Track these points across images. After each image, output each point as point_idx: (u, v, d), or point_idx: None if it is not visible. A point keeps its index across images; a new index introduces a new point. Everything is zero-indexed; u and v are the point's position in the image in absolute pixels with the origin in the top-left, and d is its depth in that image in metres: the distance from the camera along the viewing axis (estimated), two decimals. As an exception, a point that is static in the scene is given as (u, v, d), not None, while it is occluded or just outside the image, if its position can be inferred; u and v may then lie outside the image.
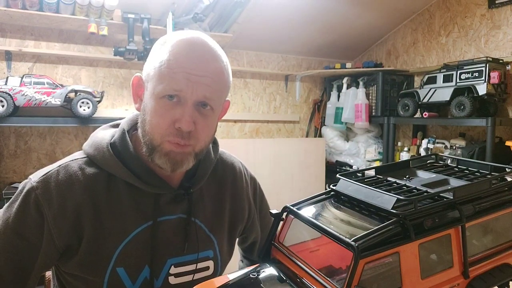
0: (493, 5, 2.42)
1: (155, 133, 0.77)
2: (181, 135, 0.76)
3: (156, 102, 0.76)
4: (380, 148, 2.95)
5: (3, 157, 2.26)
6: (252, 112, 3.09)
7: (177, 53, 0.75)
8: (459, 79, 2.26)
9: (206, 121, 0.79)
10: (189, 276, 0.85)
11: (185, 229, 0.85)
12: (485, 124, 2.11)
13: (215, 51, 0.79)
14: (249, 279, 0.59)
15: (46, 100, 1.97)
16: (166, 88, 0.74)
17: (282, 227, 0.64)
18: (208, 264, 0.89)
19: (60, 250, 0.77)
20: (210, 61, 0.77)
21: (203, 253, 0.88)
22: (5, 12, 2.00)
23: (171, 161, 0.78)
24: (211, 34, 2.39)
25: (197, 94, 0.75)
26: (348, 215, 0.60)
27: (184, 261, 0.85)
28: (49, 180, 0.78)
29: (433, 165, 0.77)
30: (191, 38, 0.78)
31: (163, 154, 0.77)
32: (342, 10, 2.67)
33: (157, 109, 0.76)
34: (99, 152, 0.82)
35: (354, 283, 0.46)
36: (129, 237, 0.79)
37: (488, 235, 0.64)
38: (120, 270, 0.78)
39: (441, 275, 0.54)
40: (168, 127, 0.76)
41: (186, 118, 0.74)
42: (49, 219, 0.75)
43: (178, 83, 0.74)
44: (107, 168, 0.80)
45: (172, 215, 0.84)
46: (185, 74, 0.74)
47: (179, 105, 0.75)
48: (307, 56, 3.28)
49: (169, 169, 0.79)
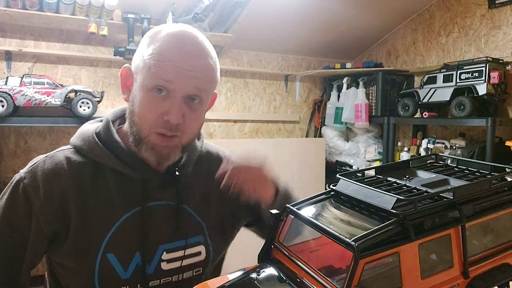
0: (493, 5, 2.42)
1: (143, 124, 0.78)
2: (169, 127, 0.77)
3: (145, 94, 0.76)
4: (380, 148, 2.95)
5: (3, 157, 2.26)
6: (252, 112, 3.09)
7: (167, 46, 0.76)
8: (459, 79, 2.26)
9: (194, 114, 0.80)
10: (179, 262, 0.86)
11: (174, 215, 0.85)
12: (485, 124, 2.11)
13: (204, 46, 0.80)
14: (248, 279, 0.59)
15: (46, 100, 1.97)
16: (156, 80, 0.75)
17: (282, 227, 0.64)
18: (200, 249, 0.89)
19: (49, 237, 0.78)
20: (199, 56, 0.78)
21: (194, 238, 0.88)
22: (5, 12, 2.00)
23: (157, 154, 0.79)
24: (211, 34, 2.39)
25: (186, 87, 0.76)
26: (348, 215, 0.60)
27: (175, 247, 0.85)
28: (36, 170, 0.79)
29: (433, 165, 0.77)
30: (181, 32, 0.79)
31: (149, 147, 0.79)
32: (342, 10, 2.66)
33: (146, 101, 0.77)
34: (84, 142, 0.83)
35: (354, 283, 0.46)
36: (117, 223, 0.80)
37: (488, 235, 0.64)
38: (111, 256, 0.79)
39: (441, 275, 0.54)
40: (156, 119, 0.76)
41: (175, 110, 0.75)
42: (36, 207, 0.76)
43: (167, 75, 0.75)
44: (92, 156, 0.82)
45: (161, 201, 0.84)
46: (174, 67, 0.75)
47: (168, 98, 0.76)
48: (307, 56, 3.28)
49: (155, 162, 0.81)
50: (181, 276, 0.86)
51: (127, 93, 0.83)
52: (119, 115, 0.91)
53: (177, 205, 0.86)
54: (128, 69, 0.83)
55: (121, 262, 0.79)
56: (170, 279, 0.85)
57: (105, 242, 0.78)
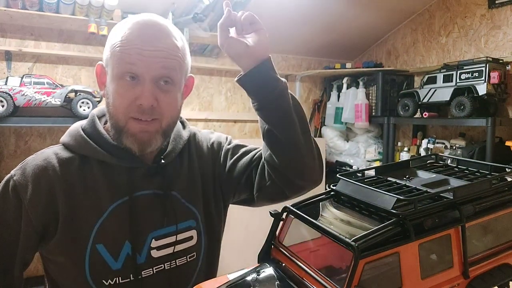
0: (493, 5, 2.42)
1: (119, 113, 0.79)
2: (143, 112, 0.78)
3: (117, 83, 0.78)
4: (380, 148, 2.95)
5: (3, 157, 2.26)
6: (252, 112, 3.06)
7: (129, 33, 0.78)
8: (459, 79, 2.26)
9: (168, 96, 0.80)
10: (171, 248, 0.86)
11: (162, 202, 0.85)
12: (485, 124, 2.11)
13: (167, 28, 0.81)
14: (248, 279, 0.59)
15: (46, 100, 1.97)
16: (122, 66, 0.77)
17: (282, 227, 0.64)
18: (191, 233, 0.89)
19: (39, 231, 0.79)
20: (162, 37, 0.79)
21: (184, 223, 0.88)
22: (5, 12, 2.00)
23: (138, 141, 0.80)
24: (211, 34, 2.39)
25: (153, 68, 0.77)
26: (348, 215, 0.60)
27: (165, 233, 0.85)
28: (26, 167, 0.81)
29: (433, 165, 0.77)
30: (143, 19, 0.81)
31: (130, 135, 0.80)
32: (342, 10, 2.66)
33: (117, 90, 0.78)
34: (72, 137, 0.86)
35: (354, 283, 0.46)
36: (105, 214, 0.80)
37: (488, 235, 0.64)
38: (100, 247, 0.79)
39: (441, 275, 0.54)
40: (129, 105, 0.78)
41: (146, 93, 0.77)
42: (25, 201, 0.77)
43: (131, 59, 0.76)
44: (79, 150, 0.83)
45: (147, 190, 0.85)
46: (137, 50, 0.76)
47: (138, 84, 0.77)
48: (307, 56, 3.27)
49: (137, 150, 0.81)
50: (174, 263, 0.86)
51: (103, 89, 0.85)
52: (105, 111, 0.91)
53: (164, 192, 0.86)
54: (101, 66, 0.85)
55: (111, 252, 0.80)
56: (163, 266, 0.85)
57: (94, 233, 0.79)
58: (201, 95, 2.88)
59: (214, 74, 2.91)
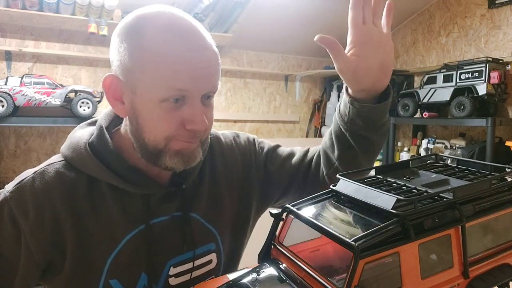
0: (493, 5, 2.42)
1: (160, 138, 0.67)
2: (194, 136, 0.69)
3: (157, 106, 0.65)
4: (380, 148, 2.95)
5: (3, 157, 2.26)
6: (252, 112, 3.09)
7: (169, 45, 0.63)
8: (459, 79, 2.26)
9: (211, 111, 0.72)
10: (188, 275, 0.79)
11: (181, 226, 0.77)
12: (485, 124, 2.11)
13: (203, 31, 0.69)
14: (248, 279, 0.59)
15: (46, 100, 1.97)
16: (170, 91, 0.64)
17: (282, 227, 0.64)
18: (211, 257, 0.81)
19: (41, 266, 0.70)
20: (207, 47, 0.67)
21: (204, 247, 0.80)
22: (5, 12, 2.00)
23: (184, 159, 0.70)
24: (211, 34, 2.39)
25: (204, 88, 0.67)
26: (348, 215, 0.60)
27: (184, 259, 0.78)
28: (24, 189, 0.69)
29: (433, 165, 0.76)
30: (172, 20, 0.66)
31: (174, 154, 0.68)
32: (342, 10, 2.65)
33: (159, 114, 0.66)
34: (77, 154, 0.72)
35: (354, 283, 0.46)
36: (120, 245, 0.71)
37: (488, 235, 0.63)
38: (114, 282, 0.71)
39: (441, 275, 0.54)
40: (176, 131, 0.67)
41: (199, 118, 0.66)
42: (26, 233, 0.67)
43: (183, 83, 0.64)
44: (87, 170, 0.71)
45: (166, 215, 0.76)
46: (189, 71, 0.64)
47: (184, 104, 0.66)
48: (307, 56, 3.27)
49: (182, 167, 0.71)
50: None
51: (119, 106, 0.70)
52: (113, 117, 0.80)
53: (183, 216, 0.77)
54: (114, 78, 0.69)
55: (125, 287, 0.72)
56: None
57: (107, 268, 0.70)
58: (201, 95, 2.88)
59: (214, 74, 2.90)
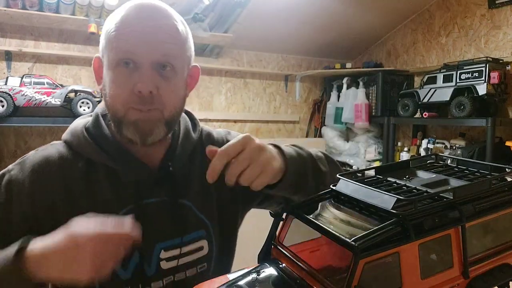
0: (493, 5, 2.42)
1: (117, 103, 0.74)
2: (144, 101, 0.72)
3: (113, 72, 0.73)
4: (380, 148, 2.95)
5: (3, 157, 2.26)
6: (252, 112, 3.09)
7: (125, 16, 0.73)
8: (459, 79, 2.26)
9: (169, 83, 0.75)
10: (182, 259, 0.83)
11: (170, 212, 0.82)
12: (485, 124, 2.11)
13: (167, 10, 0.76)
14: (248, 279, 0.59)
15: (46, 100, 1.97)
16: (119, 53, 0.72)
17: (282, 227, 0.64)
18: (202, 243, 0.85)
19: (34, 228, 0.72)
20: (161, 18, 0.74)
21: (193, 234, 0.84)
22: (5, 12, 2.00)
23: (139, 131, 0.75)
24: (211, 34, 2.39)
25: (152, 53, 0.72)
26: (348, 215, 0.60)
27: (174, 244, 0.82)
28: (25, 162, 0.78)
29: (433, 165, 0.76)
30: (140, 2, 0.75)
31: (130, 123, 0.74)
32: (342, 10, 2.66)
33: (114, 79, 0.73)
34: (74, 137, 0.81)
35: (354, 283, 0.46)
36: None
37: (488, 235, 0.63)
38: None
39: (441, 275, 0.54)
40: (129, 95, 0.72)
41: (144, 79, 0.71)
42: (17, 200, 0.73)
43: (128, 43, 0.71)
44: (82, 151, 0.79)
45: (156, 197, 0.81)
46: (135, 33, 0.71)
47: (136, 71, 0.72)
48: (307, 56, 3.28)
49: (139, 140, 0.75)
50: (184, 275, 0.83)
51: (101, 82, 0.79)
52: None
53: (172, 201, 0.82)
54: (98, 59, 0.79)
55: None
56: (173, 278, 0.82)
57: None
58: (201, 95, 2.88)
59: (214, 74, 2.91)
